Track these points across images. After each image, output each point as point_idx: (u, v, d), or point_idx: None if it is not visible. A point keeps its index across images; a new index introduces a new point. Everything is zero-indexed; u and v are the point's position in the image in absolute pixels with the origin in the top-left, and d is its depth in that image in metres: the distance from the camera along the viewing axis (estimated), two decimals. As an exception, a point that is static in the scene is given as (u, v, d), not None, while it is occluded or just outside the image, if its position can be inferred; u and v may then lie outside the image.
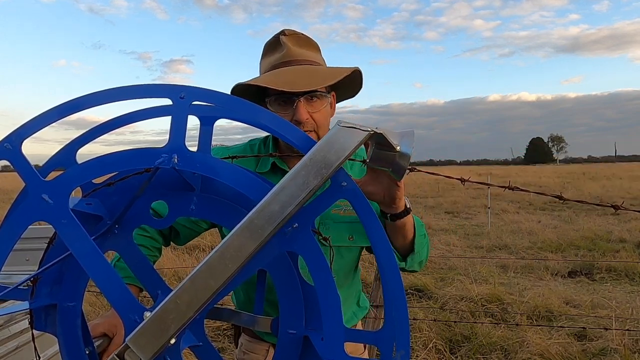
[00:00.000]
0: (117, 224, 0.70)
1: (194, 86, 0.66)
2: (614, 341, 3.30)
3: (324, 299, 0.62)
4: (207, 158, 0.65)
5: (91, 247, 0.60)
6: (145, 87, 0.65)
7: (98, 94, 0.64)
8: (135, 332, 0.58)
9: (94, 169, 0.63)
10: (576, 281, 5.39)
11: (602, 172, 35.67)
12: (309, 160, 0.60)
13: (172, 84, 0.66)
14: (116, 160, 0.64)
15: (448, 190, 18.23)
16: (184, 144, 0.64)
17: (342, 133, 0.61)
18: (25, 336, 1.66)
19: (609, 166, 61.47)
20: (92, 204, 0.70)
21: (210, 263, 0.58)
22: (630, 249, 6.84)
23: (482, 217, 10.72)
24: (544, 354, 3.24)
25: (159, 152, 0.64)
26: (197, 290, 0.58)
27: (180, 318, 0.57)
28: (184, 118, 0.65)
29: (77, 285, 0.70)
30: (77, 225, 0.60)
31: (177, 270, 5.27)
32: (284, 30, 1.18)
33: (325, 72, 1.13)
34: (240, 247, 0.58)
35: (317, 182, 0.59)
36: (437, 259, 6.17)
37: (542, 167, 70.14)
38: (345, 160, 0.61)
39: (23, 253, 2.00)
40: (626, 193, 15.73)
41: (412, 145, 0.68)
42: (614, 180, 23.62)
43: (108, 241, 0.70)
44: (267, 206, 0.58)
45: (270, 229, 0.58)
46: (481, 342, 3.50)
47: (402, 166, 0.70)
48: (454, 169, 69.71)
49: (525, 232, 8.51)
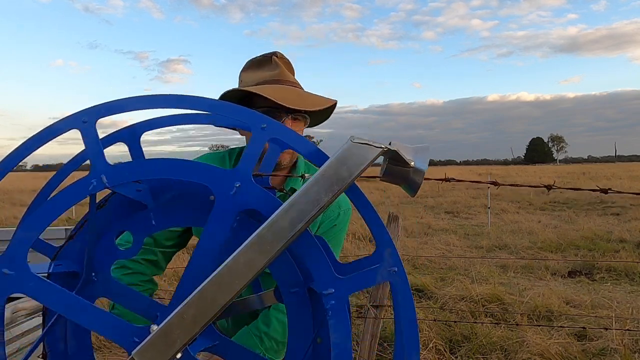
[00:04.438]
0: (92, 272, 0.69)
1: (94, 105, 0.63)
2: (614, 341, 3.30)
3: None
4: (137, 163, 0.63)
5: (73, 300, 0.60)
6: (48, 129, 0.63)
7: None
8: (142, 345, 0.57)
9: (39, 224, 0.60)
10: (576, 281, 5.39)
11: (602, 172, 35.67)
12: (320, 176, 0.59)
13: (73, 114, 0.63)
14: (55, 206, 0.61)
15: (448, 190, 18.24)
16: (104, 161, 0.62)
17: (354, 149, 0.60)
18: (27, 338, 1.66)
19: (609, 166, 61.46)
20: (61, 264, 0.69)
21: (218, 278, 0.57)
22: (630, 249, 6.84)
23: (482, 217, 10.72)
24: (544, 354, 3.24)
25: (88, 180, 0.62)
26: (204, 306, 0.57)
27: (186, 333, 0.57)
28: (94, 138, 0.62)
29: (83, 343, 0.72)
30: (52, 285, 0.59)
31: (177, 270, 5.26)
32: (276, 52, 1.25)
33: (314, 97, 1.21)
34: (249, 262, 0.57)
35: (329, 199, 0.58)
36: (437, 259, 6.17)
37: (542, 167, 70.16)
38: (358, 177, 0.60)
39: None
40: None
41: (427, 161, 0.67)
42: (614, 180, 23.61)
43: (93, 291, 0.69)
44: (277, 222, 0.58)
45: (280, 244, 0.58)
46: (481, 342, 3.50)
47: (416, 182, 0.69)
48: (454, 169, 69.71)
49: (525, 232, 8.51)
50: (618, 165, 73.28)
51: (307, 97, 1.19)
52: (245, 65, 1.27)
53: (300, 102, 1.15)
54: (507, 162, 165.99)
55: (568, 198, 13.91)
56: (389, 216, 2.84)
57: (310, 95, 1.21)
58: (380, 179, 0.76)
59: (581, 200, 13.45)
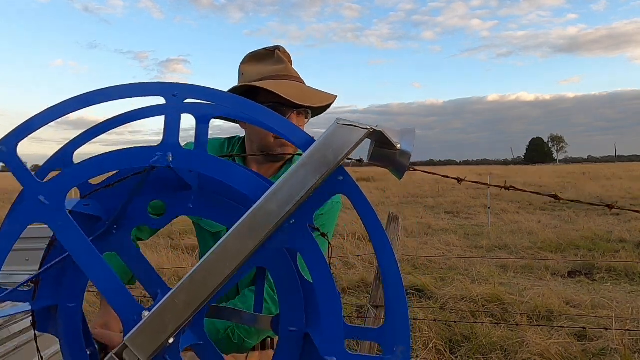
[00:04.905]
0: (115, 225, 0.70)
1: (187, 83, 0.65)
2: (614, 341, 3.30)
3: (323, 295, 0.61)
4: (202, 155, 0.64)
5: (88, 247, 0.60)
6: (138, 85, 0.64)
7: (91, 94, 0.63)
8: (133, 331, 0.57)
9: (90, 169, 0.63)
10: (576, 281, 5.39)
11: (602, 172, 35.67)
12: (307, 158, 0.59)
13: (165, 82, 0.66)
14: (111, 160, 0.64)
15: (448, 190, 18.24)
16: (178, 142, 0.64)
17: (340, 131, 0.60)
18: (25, 336, 1.65)
19: (609, 166, 61.45)
20: (89, 205, 0.69)
21: (209, 262, 0.58)
22: (630, 249, 6.85)
23: (482, 217, 10.72)
24: (544, 354, 3.24)
25: (153, 150, 0.64)
26: (195, 290, 0.57)
27: (178, 317, 0.57)
28: (177, 116, 0.64)
29: (77, 286, 0.70)
30: (74, 226, 0.60)
31: (177, 270, 5.27)
32: (279, 46, 1.26)
33: (318, 93, 1.23)
34: (239, 246, 0.58)
35: (316, 181, 0.59)
36: (437, 259, 6.17)
37: (542, 167, 70.14)
38: (345, 158, 0.60)
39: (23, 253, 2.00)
40: (626, 193, 15.74)
41: (413, 143, 0.67)
42: (614, 180, 23.62)
43: (107, 242, 0.70)
44: (265, 205, 0.58)
45: (269, 228, 0.58)
46: (481, 342, 3.50)
47: (403, 164, 0.69)
48: (454, 169, 69.71)
49: (525, 232, 8.51)
50: (618, 165, 73.31)
51: (311, 93, 1.22)
52: (246, 58, 1.27)
53: (306, 98, 1.17)
54: (507, 162, 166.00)
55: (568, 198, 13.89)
56: (389, 216, 2.83)
57: (314, 91, 1.24)
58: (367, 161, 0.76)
59: (582, 200, 13.43)
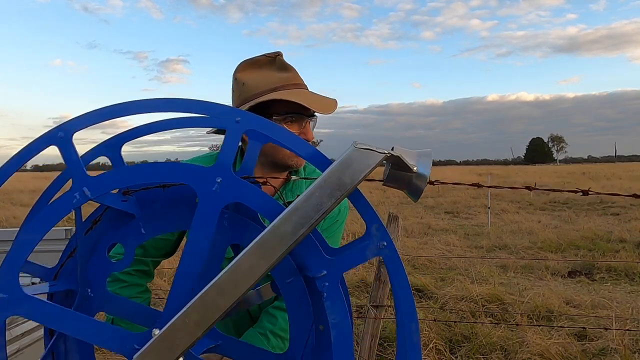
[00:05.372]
0: (87, 288, 0.69)
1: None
2: (614, 341, 3.30)
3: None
4: (115, 172, 0.62)
5: (63, 313, 0.60)
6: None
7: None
8: (144, 349, 0.57)
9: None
10: (576, 281, 5.39)
11: (602, 172, 35.66)
12: (323, 181, 0.59)
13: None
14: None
15: (448, 190, 18.23)
16: (85, 173, 0.62)
17: (357, 155, 0.60)
18: (27, 339, 1.65)
19: (609, 166, 61.43)
20: (56, 284, 0.69)
21: (221, 282, 0.57)
22: (630, 249, 6.84)
23: (482, 217, 10.71)
24: (544, 354, 3.24)
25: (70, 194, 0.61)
26: (207, 310, 0.57)
27: (188, 337, 0.57)
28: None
29: None
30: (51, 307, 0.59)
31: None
32: (280, 52, 1.22)
33: (325, 99, 1.23)
34: (251, 267, 0.57)
35: (331, 204, 0.59)
36: (437, 259, 6.17)
37: (542, 167, 70.15)
38: (360, 182, 0.60)
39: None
40: (626, 193, 15.70)
41: (430, 166, 0.67)
42: (614, 180, 23.61)
43: (91, 307, 0.69)
44: (279, 227, 0.58)
45: (282, 249, 0.58)
46: (481, 342, 3.50)
47: (419, 187, 0.69)
48: (454, 169, 69.71)
49: (525, 232, 8.51)
50: (618, 165, 73.25)
51: (322, 100, 1.21)
52: (241, 67, 1.21)
53: (324, 107, 1.18)
54: (507, 162, 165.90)
55: (568, 198, 13.89)
56: (389, 216, 2.83)
57: (320, 97, 1.23)
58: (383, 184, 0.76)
59: (581, 200, 13.45)
